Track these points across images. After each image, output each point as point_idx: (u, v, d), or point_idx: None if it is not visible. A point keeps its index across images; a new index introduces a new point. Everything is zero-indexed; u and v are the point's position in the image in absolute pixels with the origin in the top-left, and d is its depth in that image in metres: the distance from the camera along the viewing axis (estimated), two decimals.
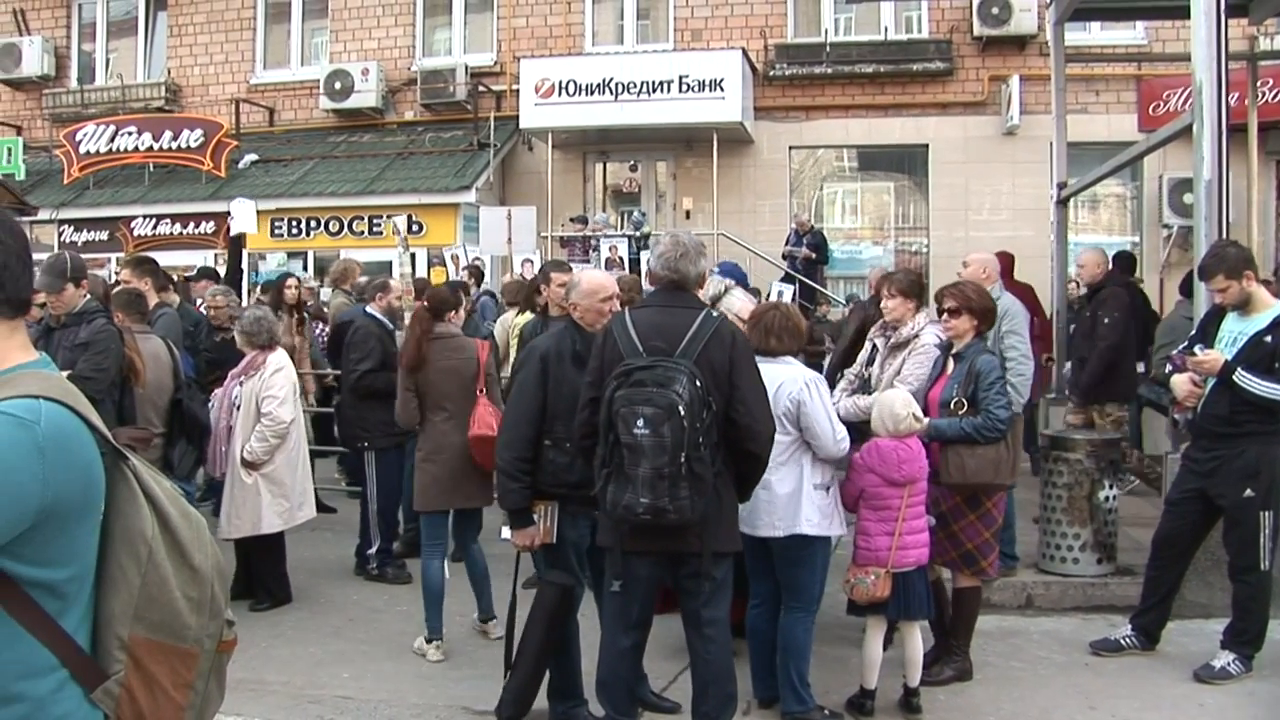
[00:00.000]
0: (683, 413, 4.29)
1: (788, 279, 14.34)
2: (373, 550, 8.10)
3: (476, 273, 13.54)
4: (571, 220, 16.25)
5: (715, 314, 4.77)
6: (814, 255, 15.55)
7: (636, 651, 4.89)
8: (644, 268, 13.69)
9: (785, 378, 5.18)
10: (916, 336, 6.25)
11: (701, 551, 4.54)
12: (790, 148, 17.12)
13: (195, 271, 13.11)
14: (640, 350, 4.55)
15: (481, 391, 6.56)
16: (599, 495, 4.57)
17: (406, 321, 7.82)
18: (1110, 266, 9.41)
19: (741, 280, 7.44)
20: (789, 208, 16.96)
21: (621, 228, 16.49)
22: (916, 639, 5.51)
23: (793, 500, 5.18)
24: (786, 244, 15.69)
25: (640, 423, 4.33)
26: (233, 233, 12.36)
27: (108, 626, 2.10)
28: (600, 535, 4.90)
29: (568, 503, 5.19)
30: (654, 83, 15.85)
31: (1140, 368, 9.40)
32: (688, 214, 16.97)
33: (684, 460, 4.31)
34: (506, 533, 5.35)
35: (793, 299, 12.66)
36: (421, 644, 6.46)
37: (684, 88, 15.74)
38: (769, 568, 5.38)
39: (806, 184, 17.66)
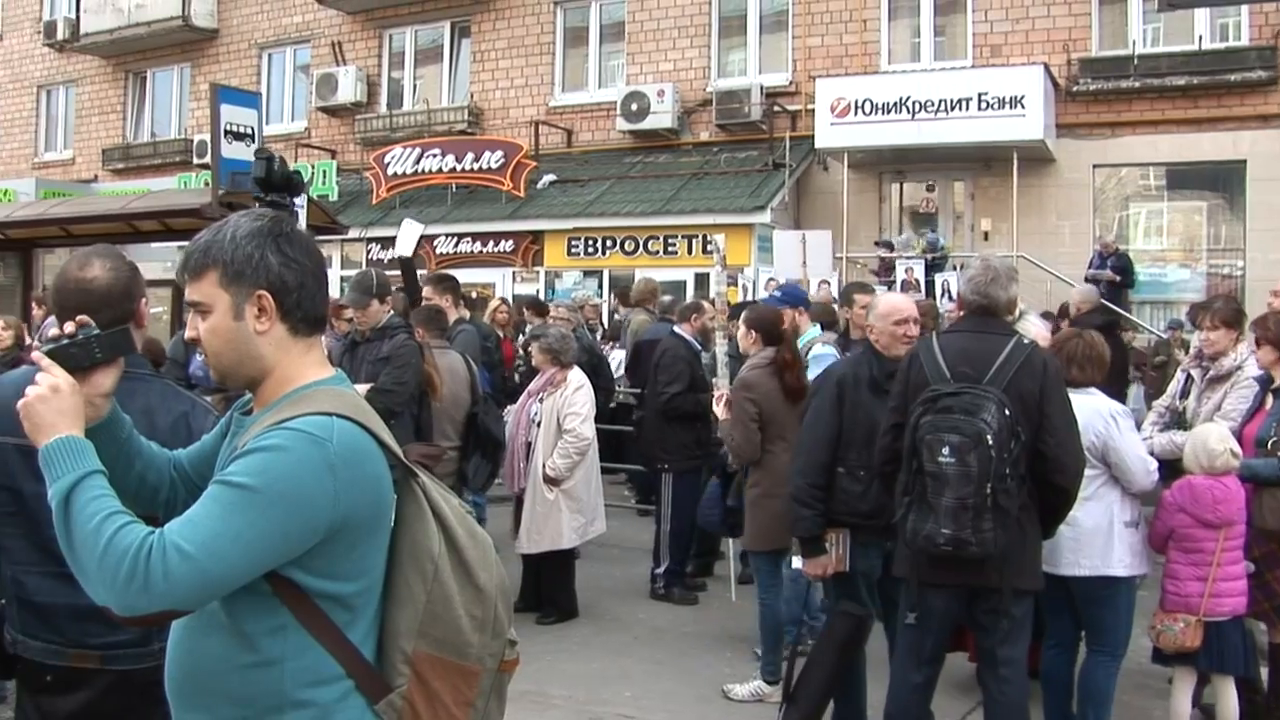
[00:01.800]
0: (990, 442, 4.25)
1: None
2: (661, 569, 8.30)
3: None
4: (876, 244, 16.42)
5: (1027, 341, 4.71)
6: (1119, 279, 15.24)
7: (928, 687, 4.80)
8: (939, 290, 13.81)
9: (1089, 409, 5.01)
10: (1239, 369, 6.10)
11: (1001, 587, 4.45)
12: (1094, 166, 16.99)
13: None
14: (947, 376, 4.53)
15: None
16: (898, 524, 4.54)
17: (718, 343, 8.17)
18: None
19: (802, 301, 7.41)
20: (1091, 229, 16.80)
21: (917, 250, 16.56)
22: (1231, 695, 5.23)
23: (1100, 538, 5.06)
24: (1090, 266, 15.49)
25: (946, 451, 4.31)
26: (395, 253, 12.58)
27: (393, 640, 2.23)
28: (896, 565, 4.86)
29: (860, 531, 5.18)
30: (952, 101, 16.00)
31: None
32: (986, 235, 17.03)
33: (989, 491, 4.26)
34: (797, 562, 5.39)
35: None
36: (761, 686, 6.28)
37: (983, 105, 15.82)
38: (1068, 607, 5.24)
39: (1110, 203, 17.44)
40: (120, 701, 3.11)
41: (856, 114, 16.44)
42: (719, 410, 6.56)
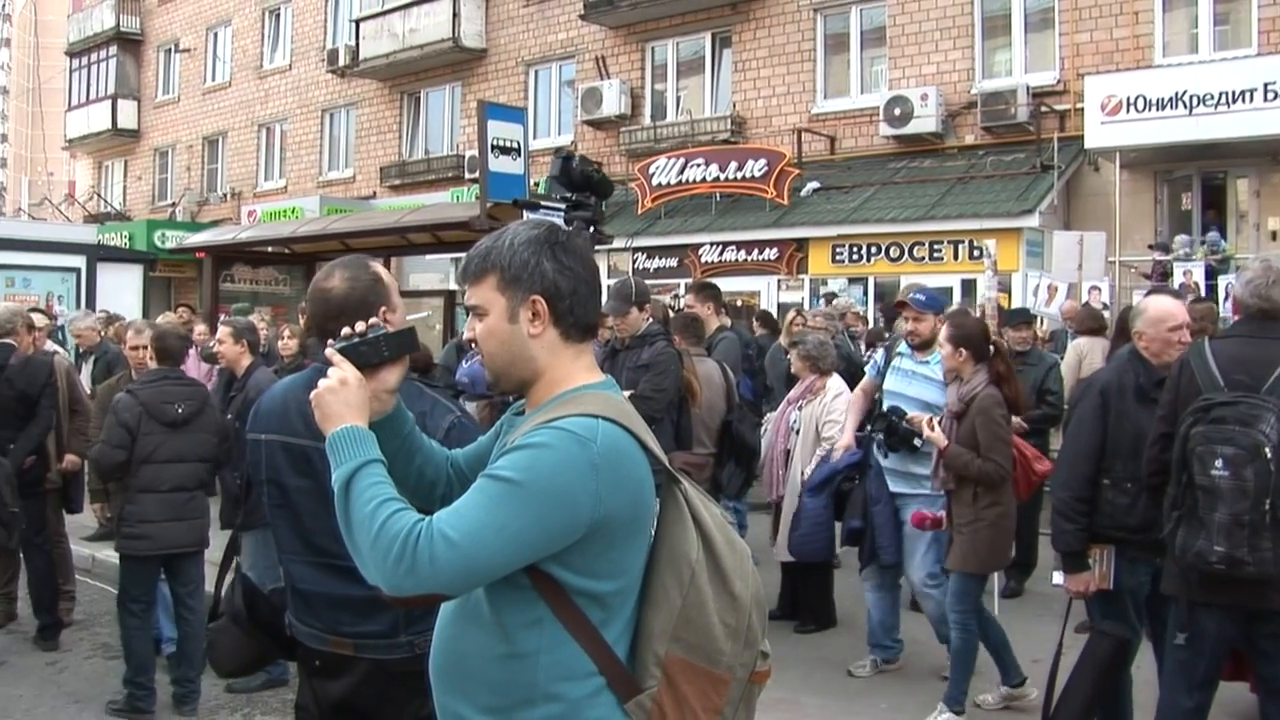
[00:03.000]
0: (1269, 455, 4.07)
1: None
2: None
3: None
4: (1150, 247, 16.15)
5: None
6: None
7: (1199, 714, 4.54)
8: (1221, 295, 13.52)
9: None
10: None
11: None
12: None
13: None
14: (1221, 384, 4.34)
15: None
16: (1167, 539, 4.41)
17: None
18: None
19: (940, 309, 7.16)
20: None
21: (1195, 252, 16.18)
22: None
23: None
24: None
25: (1219, 464, 4.14)
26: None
27: (646, 642, 2.29)
28: (1165, 583, 4.68)
29: (1126, 547, 4.98)
30: (1234, 93, 15.57)
31: None
32: (1274, 235, 16.50)
33: (1267, 508, 4.08)
34: (1058, 577, 5.23)
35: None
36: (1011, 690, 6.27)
37: (1269, 96, 15.33)
38: None
39: None
40: (378, 690, 3.31)
41: (1129, 111, 16.19)
42: (930, 434, 6.23)
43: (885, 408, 6.73)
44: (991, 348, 6.27)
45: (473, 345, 2.55)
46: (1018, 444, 6.36)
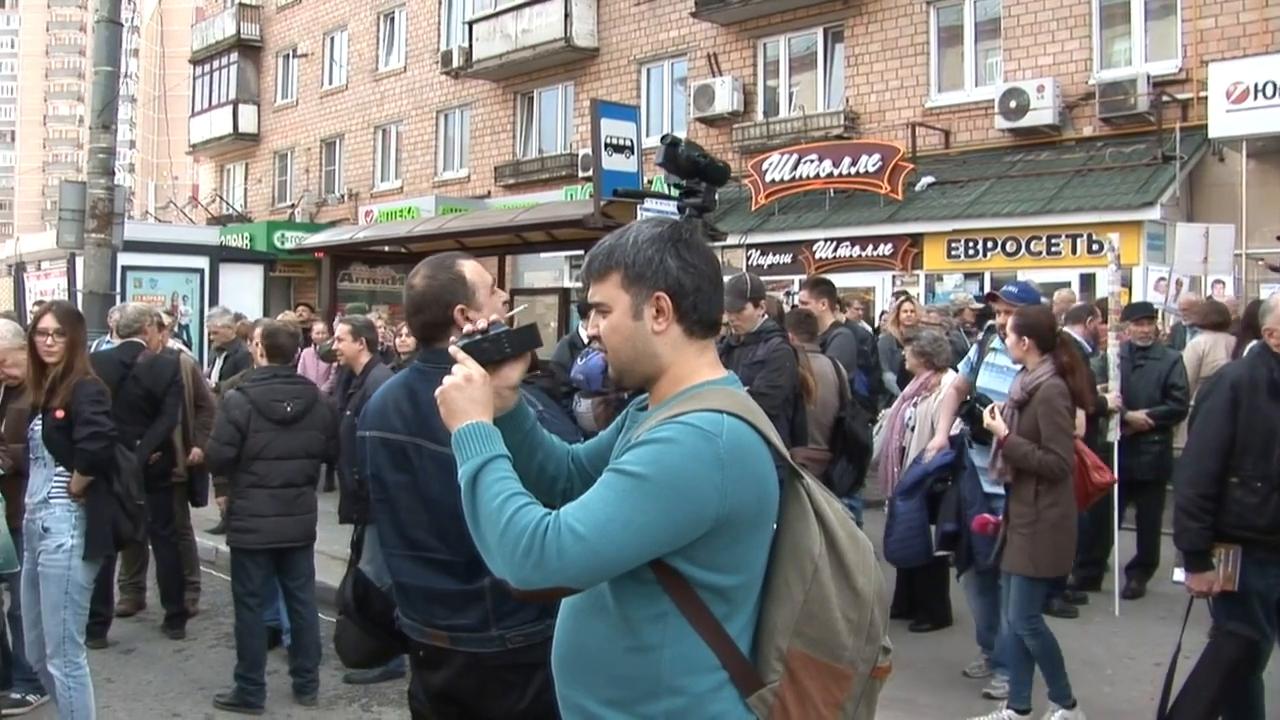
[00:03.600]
0: None
1: None
2: None
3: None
4: (1279, 239, 15.80)
5: None
6: None
7: None
8: None
9: None
10: None
11: None
12: None
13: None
14: None
15: None
16: None
17: (1110, 344, 8.21)
18: None
19: (1034, 301, 7.05)
20: None
21: None
22: None
23: None
24: None
25: None
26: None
27: (769, 637, 2.31)
28: None
29: (1254, 548, 4.88)
30: None
31: None
32: None
33: None
34: (1179, 574, 5.14)
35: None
36: (1012, 717, 6.16)
37: None
38: None
39: None
40: (475, 682, 3.35)
41: (1256, 98, 15.82)
42: (991, 421, 6.18)
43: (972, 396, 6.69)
44: (1057, 338, 6.22)
45: (590, 342, 2.62)
46: (1079, 448, 6.26)
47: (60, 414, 5.60)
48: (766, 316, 7.27)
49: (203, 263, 22.23)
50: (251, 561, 6.83)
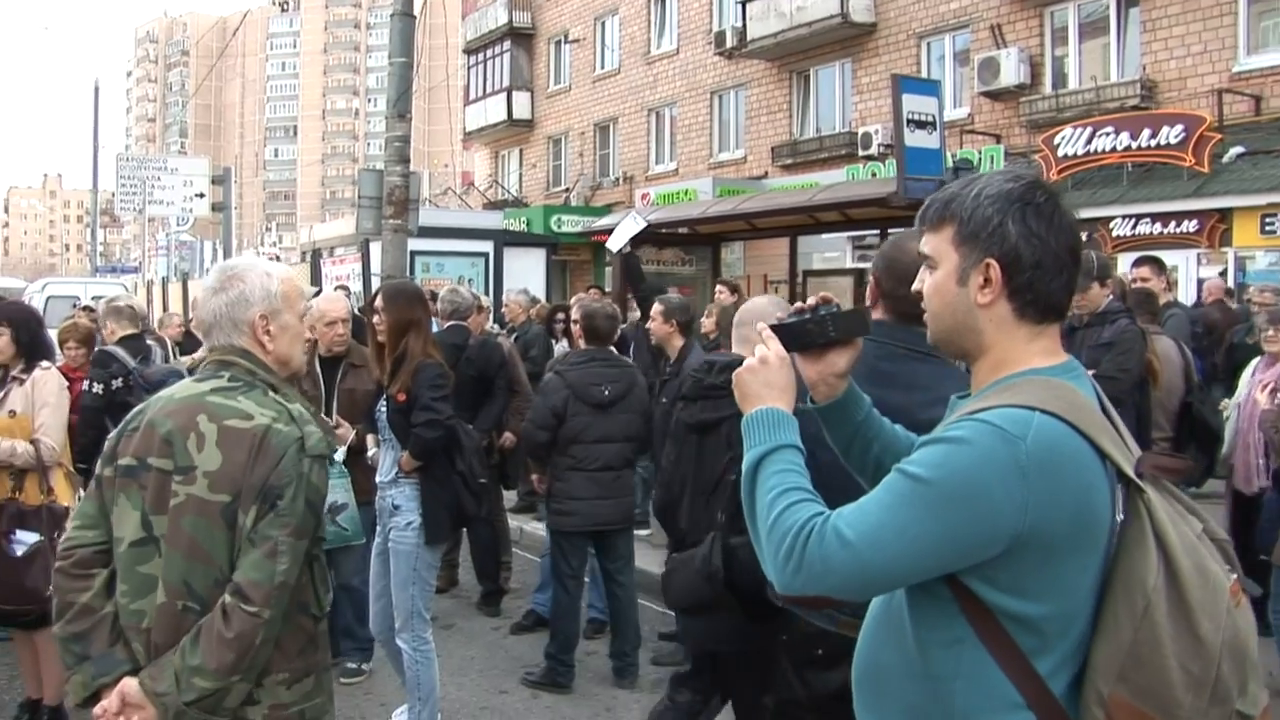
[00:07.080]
0: None
1: None
2: None
3: None
4: None
5: None
6: None
7: None
8: None
9: None
10: None
11: None
12: None
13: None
14: None
15: None
16: None
17: None
18: None
19: None
20: None
21: None
22: None
23: None
24: None
25: None
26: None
27: (1090, 676, 2.01)
28: None
29: None
30: None
31: None
32: None
33: None
34: None
35: None
36: None
37: None
38: None
39: None
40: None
41: None
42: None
43: None
44: None
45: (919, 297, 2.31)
46: None
47: (401, 397, 5.79)
48: (1112, 297, 7.07)
49: (487, 247, 23.15)
50: (569, 544, 7.17)
